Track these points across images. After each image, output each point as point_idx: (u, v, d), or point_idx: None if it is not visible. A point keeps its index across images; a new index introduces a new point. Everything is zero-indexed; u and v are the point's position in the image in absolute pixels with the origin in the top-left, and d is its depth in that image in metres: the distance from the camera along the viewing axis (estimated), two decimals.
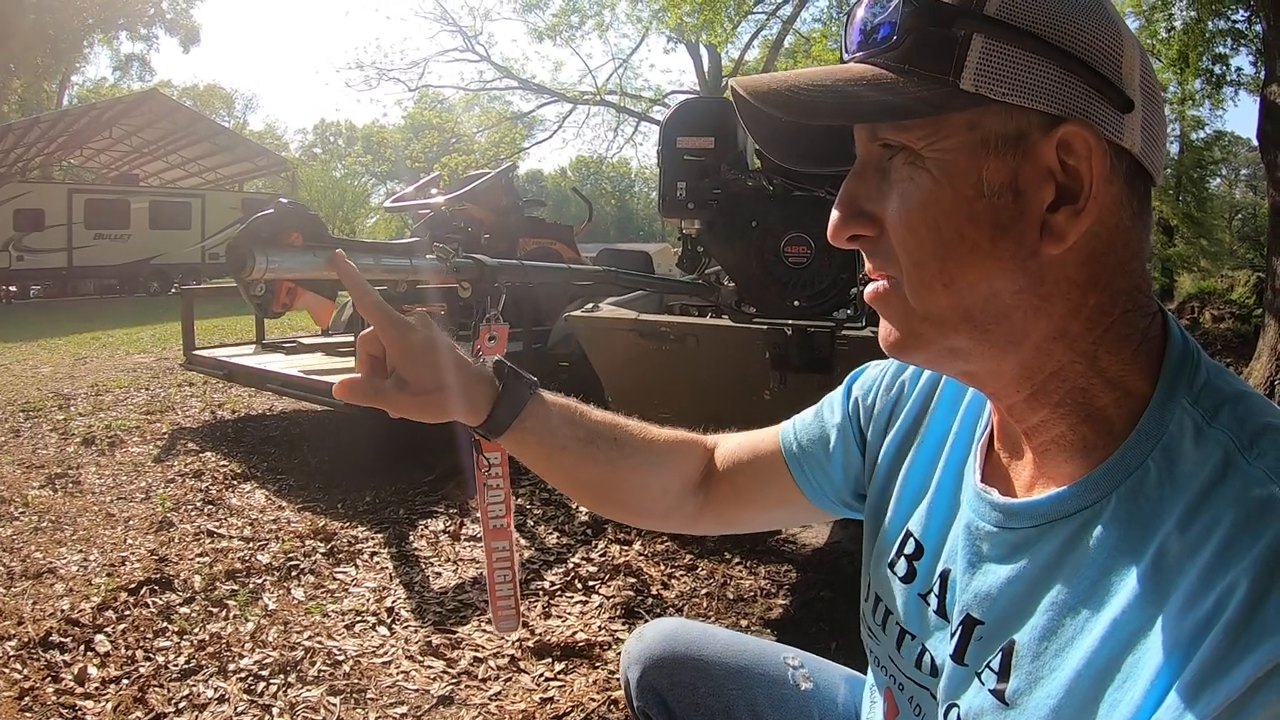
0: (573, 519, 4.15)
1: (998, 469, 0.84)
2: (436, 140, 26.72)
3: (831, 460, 1.09)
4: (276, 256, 1.23)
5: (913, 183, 0.72)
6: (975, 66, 0.67)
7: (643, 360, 3.27)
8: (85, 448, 5.69)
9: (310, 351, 6.50)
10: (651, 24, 22.37)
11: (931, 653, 0.87)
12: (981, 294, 0.71)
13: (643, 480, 1.19)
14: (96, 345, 11.77)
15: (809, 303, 2.95)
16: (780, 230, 2.91)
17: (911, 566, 0.92)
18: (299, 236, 1.28)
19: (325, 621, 3.06)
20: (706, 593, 3.32)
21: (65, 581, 3.42)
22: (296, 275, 1.26)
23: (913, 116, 0.70)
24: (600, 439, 1.16)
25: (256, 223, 1.23)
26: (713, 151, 3.04)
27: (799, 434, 1.14)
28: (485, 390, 1.10)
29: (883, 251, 0.75)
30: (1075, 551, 0.70)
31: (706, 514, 1.21)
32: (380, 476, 4.82)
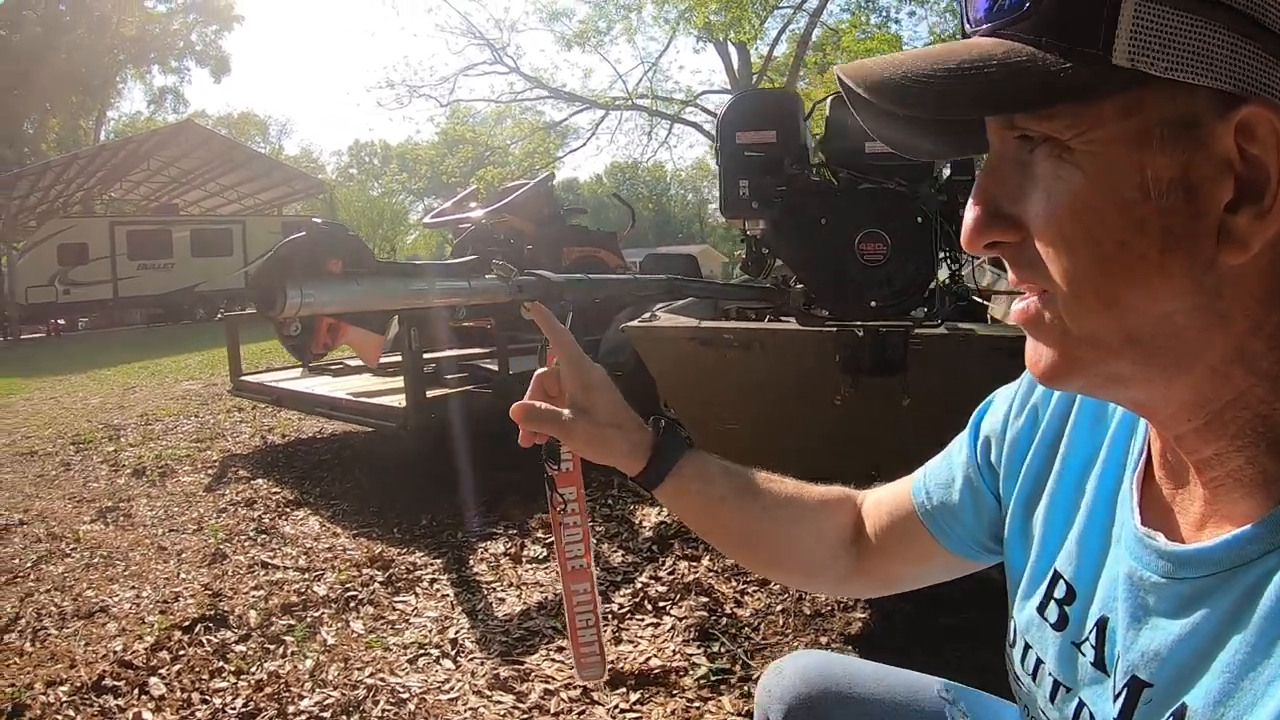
0: (637, 535, 4.01)
1: (1158, 504, 0.71)
2: (471, 154, 26.74)
3: (962, 506, 1.00)
4: (313, 289, 1.05)
5: (1060, 182, 0.59)
6: (1129, 35, 0.53)
7: (705, 369, 3.12)
8: (136, 479, 5.67)
9: (358, 373, 6.44)
10: (679, 25, 22.28)
11: (1091, 709, 0.74)
12: (1149, 315, 0.59)
13: (797, 533, 1.13)
14: (145, 374, 11.84)
15: (887, 302, 2.76)
16: (853, 226, 2.73)
17: (1063, 612, 0.80)
18: (339, 264, 1.11)
19: (387, 656, 2.94)
20: (782, 609, 3.16)
21: (118, 620, 3.35)
22: (339, 309, 1.11)
23: (1055, 102, 0.57)
24: (754, 490, 1.12)
25: (287, 249, 1.06)
26: (775, 146, 2.88)
27: (929, 483, 1.04)
28: (645, 437, 1.11)
29: (1028, 260, 0.63)
30: (1256, 603, 0.59)
31: (859, 573, 1.14)
32: (436, 497, 4.72)
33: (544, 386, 1.13)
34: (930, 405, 2.92)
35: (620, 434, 1.09)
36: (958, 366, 2.91)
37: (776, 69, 25.63)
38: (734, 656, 2.83)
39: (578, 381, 1.10)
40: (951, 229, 2.73)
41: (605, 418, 1.09)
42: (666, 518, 4.29)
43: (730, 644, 2.91)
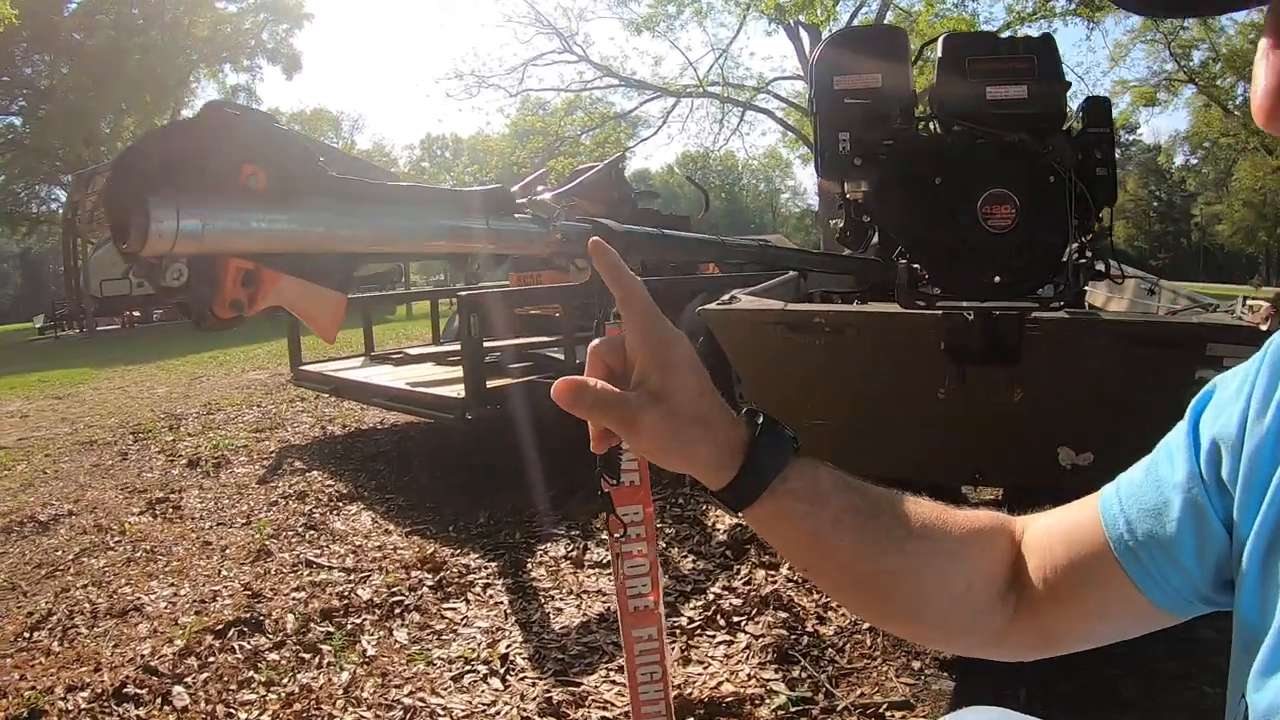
0: (710, 539, 3.71)
1: None
2: (541, 145, 26.64)
3: (1180, 542, 0.71)
4: (202, 210, 0.67)
5: None
6: None
7: (792, 358, 2.78)
8: (190, 470, 5.55)
9: (419, 362, 6.27)
10: (749, 8, 21.91)
11: None
12: None
13: (938, 572, 0.81)
14: (213, 364, 11.89)
15: (1013, 277, 2.38)
16: (974, 187, 2.34)
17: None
18: (259, 173, 0.67)
19: (429, 672, 2.68)
20: (869, 627, 2.85)
21: (150, 620, 3.18)
22: (255, 247, 0.69)
23: None
24: (884, 513, 0.79)
25: (159, 142, 0.64)
26: (879, 92, 2.50)
27: (1129, 508, 0.76)
28: (736, 437, 0.76)
29: None
30: None
31: (1019, 628, 0.83)
32: (496, 494, 4.49)
33: (605, 361, 0.78)
34: (1046, 400, 2.58)
35: (704, 432, 0.74)
36: (1079, 356, 2.55)
37: None
38: (817, 683, 2.52)
39: (651, 355, 0.74)
40: (1087, 190, 2.34)
41: (686, 408, 0.74)
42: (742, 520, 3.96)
43: (812, 668, 2.60)
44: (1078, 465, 2.63)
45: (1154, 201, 61.12)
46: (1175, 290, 3.97)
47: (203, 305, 0.69)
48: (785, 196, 74.40)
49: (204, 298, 0.69)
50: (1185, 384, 2.42)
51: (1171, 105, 34.28)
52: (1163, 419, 1.07)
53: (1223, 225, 52.70)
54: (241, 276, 0.71)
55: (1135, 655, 2.53)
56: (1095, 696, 2.38)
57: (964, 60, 2.44)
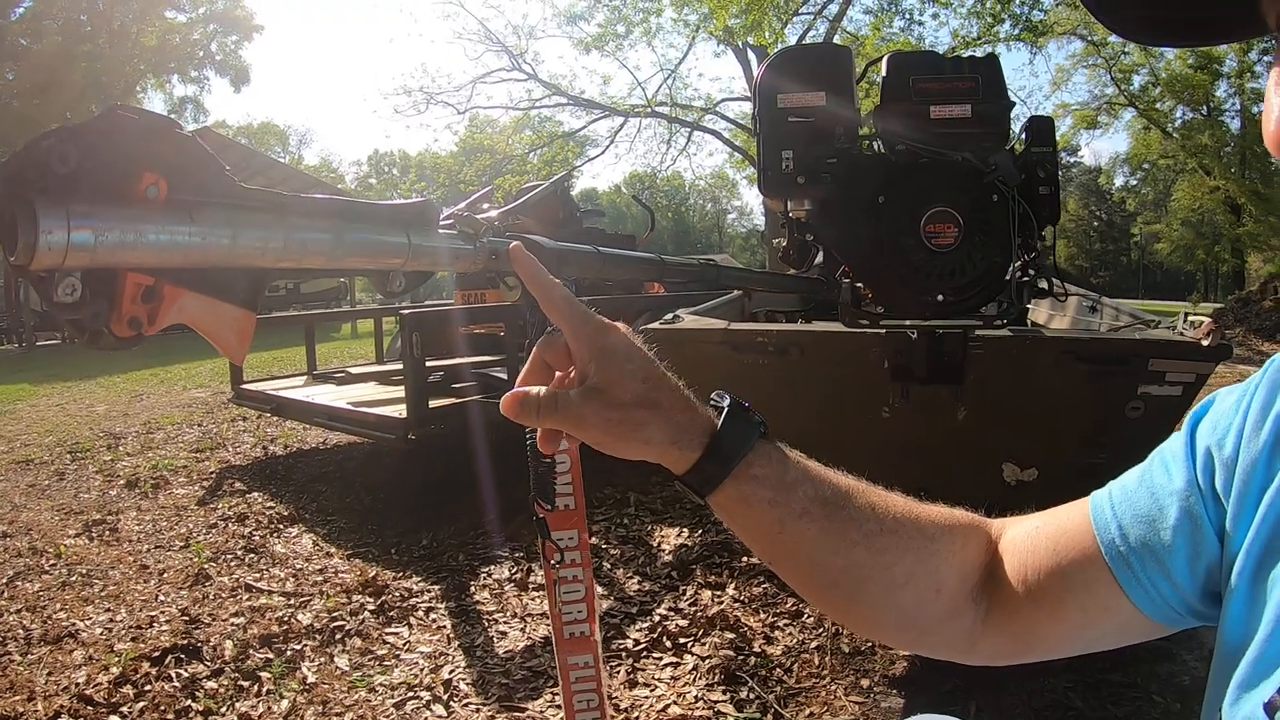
0: (655, 559, 3.69)
1: None
2: (489, 163, 26.50)
3: (1174, 550, 0.71)
4: (95, 221, 0.62)
5: None
6: None
7: (735, 377, 2.78)
8: (128, 491, 5.41)
9: (362, 381, 6.19)
10: (699, 29, 22.05)
11: None
12: None
13: (908, 571, 0.79)
14: (155, 381, 11.64)
15: (957, 295, 2.38)
16: (917, 205, 2.35)
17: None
18: (159, 182, 0.60)
19: (371, 699, 2.62)
20: (817, 646, 2.85)
21: (86, 647, 3.08)
22: (154, 260, 0.65)
23: None
24: (851, 505, 0.78)
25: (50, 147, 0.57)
26: (823, 110, 2.50)
27: (1121, 514, 0.75)
28: (700, 419, 0.76)
29: None
30: None
31: (990, 631, 0.82)
32: (438, 515, 4.44)
33: (547, 360, 0.79)
34: (990, 417, 2.60)
35: (653, 415, 0.74)
36: (1023, 373, 2.57)
37: None
38: (765, 704, 2.51)
39: (586, 350, 0.75)
40: (1030, 209, 2.36)
41: (628, 396, 0.73)
42: (688, 540, 3.94)
43: (760, 689, 2.59)
44: (1022, 481, 2.65)
45: (1094, 221, 62.42)
46: (1117, 307, 4.04)
47: (98, 323, 0.65)
48: (732, 217, 75.15)
49: (99, 315, 0.65)
50: (1128, 399, 2.45)
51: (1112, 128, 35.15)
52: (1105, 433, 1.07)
53: (1161, 244, 53.88)
54: (141, 293, 0.66)
55: (1084, 666, 2.55)
56: (1044, 707, 2.40)
57: (908, 79, 2.45)
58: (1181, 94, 28.31)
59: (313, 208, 0.78)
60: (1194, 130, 30.64)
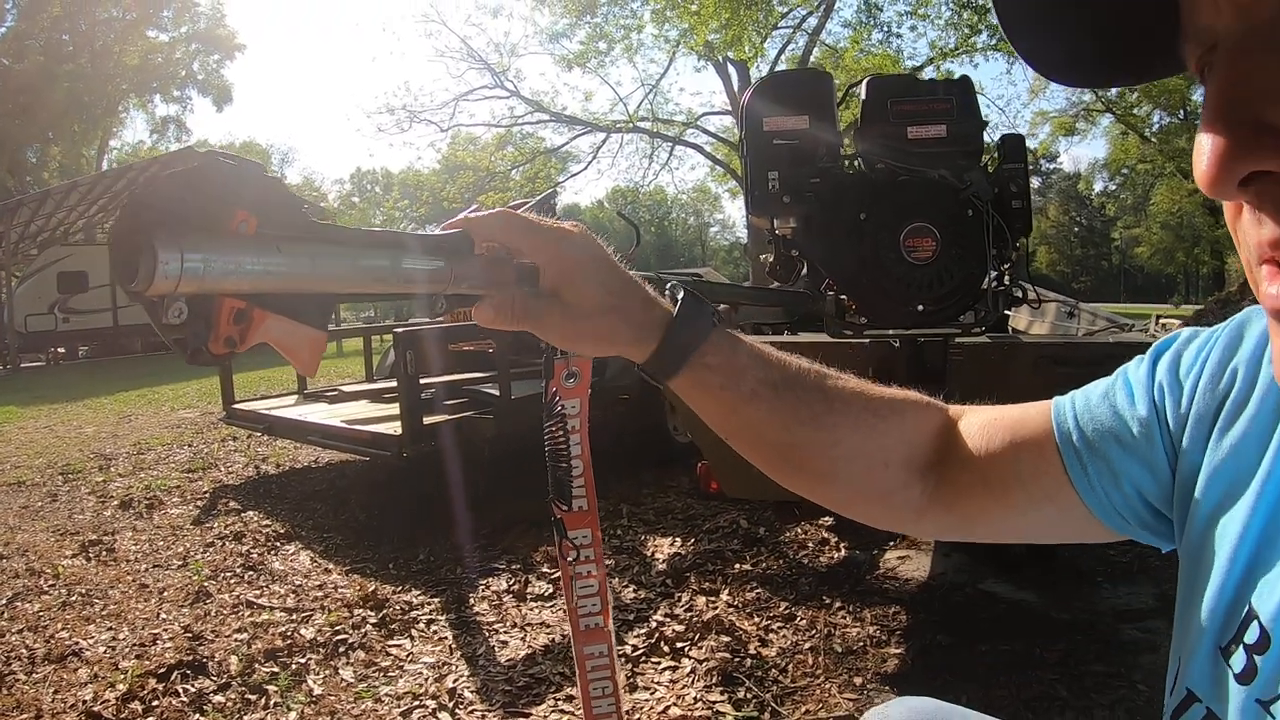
0: (650, 568, 3.75)
1: None
2: (472, 180, 26.51)
3: (1125, 464, 0.75)
4: (203, 253, 0.70)
5: None
6: None
7: None
8: (123, 511, 5.44)
9: (353, 400, 6.24)
10: (679, 45, 22.17)
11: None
12: None
13: (856, 444, 0.86)
14: (142, 403, 11.64)
15: (935, 305, 2.49)
16: (898, 221, 2.45)
17: (1251, 662, 0.60)
18: (249, 219, 0.70)
19: (378, 709, 2.68)
20: (811, 647, 2.93)
21: (90, 665, 3.11)
22: (249, 287, 0.72)
23: None
24: (800, 387, 0.84)
25: (164, 189, 0.67)
26: (807, 133, 2.61)
27: (1081, 417, 0.79)
28: (657, 315, 0.82)
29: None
30: None
31: (937, 506, 0.88)
32: (435, 531, 4.49)
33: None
34: None
35: (616, 320, 0.81)
36: (1002, 379, 2.67)
37: None
38: (762, 703, 2.59)
39: (548, 262, 0.81)
40: (1004, 222, 2.47)
41: (588, 303, 0.80)
42: (681, 549, 4.02)
43: (757, 689, 2.67)
44: None
45: (1075, 227, 62.88)
46: (1094, 312, 4.14)
47: (198, 341, 0.74)
48: (714, 230, 75.42)
49: (199, 335, 0.74)
50: None
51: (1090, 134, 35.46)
52: None
53: (1142, 248, 54.40)
54: (234, 315, 0.76)
55: (1069, 659, 2.65)
56: (1033, 699, 2.48)
57: (887, 102, 2.56)
58: (1158, 99, 28.60)
59: (373, 240, 0.87)
60: (1171, 134, 30.94)
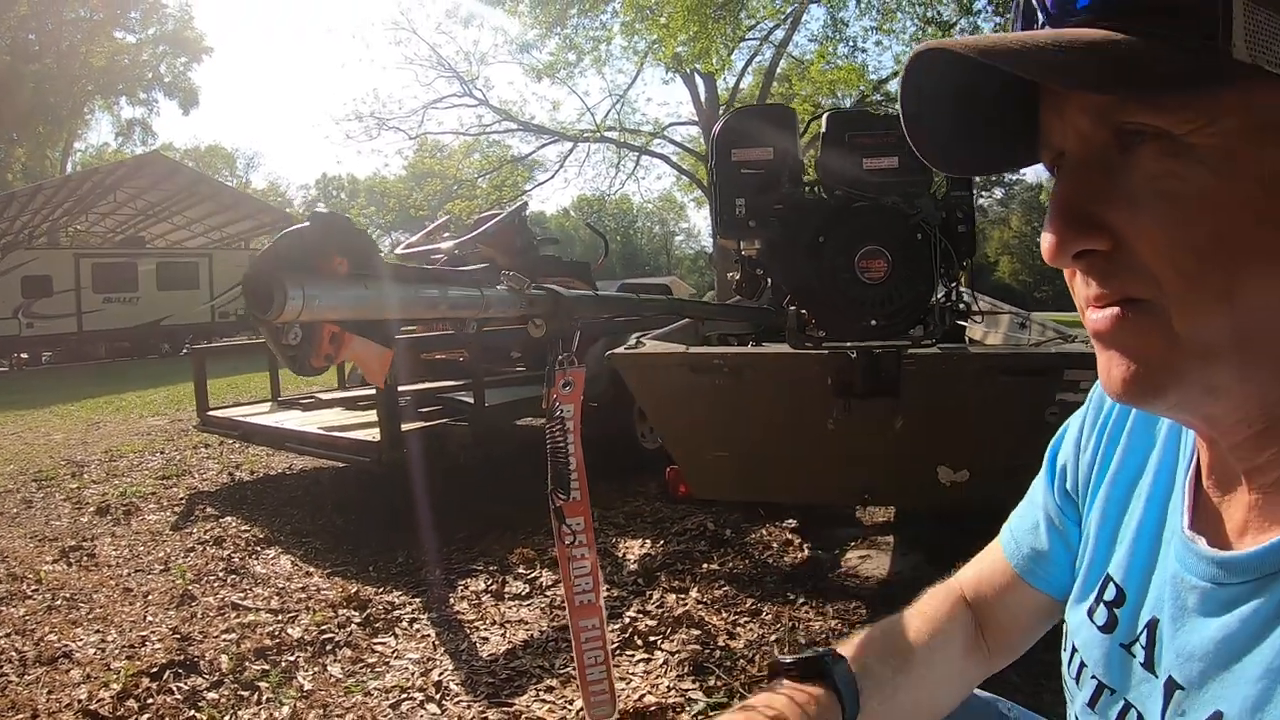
0: (621, 568, 3.91)
1: (1206, 510, 0.73)
2: (439, 188, 26.47)
3: (1052, 547, 0.97)
4: (316, 289, 0.94)
5: (1179, 178, 0.57)
6: (1244, 32, 0.53)
7: (694, 396, 3.05)
8: (100, 517, 5.48)
9: (329, 407, 6.30)
10: (647, 56, 22.28)
11: (1138, 709, 0.75)
12: (1263, 310, 0.58)
13: (953, 673, 1.05)
14: (109, 409, 11.60)
15: (887, 321, 2.70)
16: (852, 244, 2.67)
17: (1112, 614, 0.81)
18: (344, 262, 0.97)
19: (368, 701, 2.81)
20: (776, 639, 3.10)
21: (82, 667, 3.19)
22: (344, 315, 0.98)
23: (1184, 89, 0.55)
24: (911, 656, 1.01)
25: (288, 241, 0.92)
26: (771, 163, 2.81)
27: (1017, 532, 1.03)
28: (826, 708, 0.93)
29: (1122, 268, 0.61)
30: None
31: (993, 658, 1.08)
32: (412, 534, 4.59)
33: None
34: (924, 426, 2.88)
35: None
36: (952, 387, 2.87)
37: (743, 100, 25.79)
38: (732, 689, 2.74)
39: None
40: (950, 245, 2.68)
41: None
42: (651, 549, 4.19)
43: (726, 677, 2.82)
44: (955, 482, 2.94)
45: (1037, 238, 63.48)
46: (1044, 323, 4.35)
47: (305, 356, 0.95)
48: (679, 239, 75.57)
49: (306, 352, 0.95)
50: (1047, 405, 2.76)
51: None
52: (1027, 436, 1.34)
53: None
54: (330, 337, 0.97)
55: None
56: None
57: (845, 135, 2.77)
58: None
59: (424, 275, 1.08)
60: None
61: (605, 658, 1.21)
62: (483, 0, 23.78)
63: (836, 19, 22.44)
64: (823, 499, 3.88)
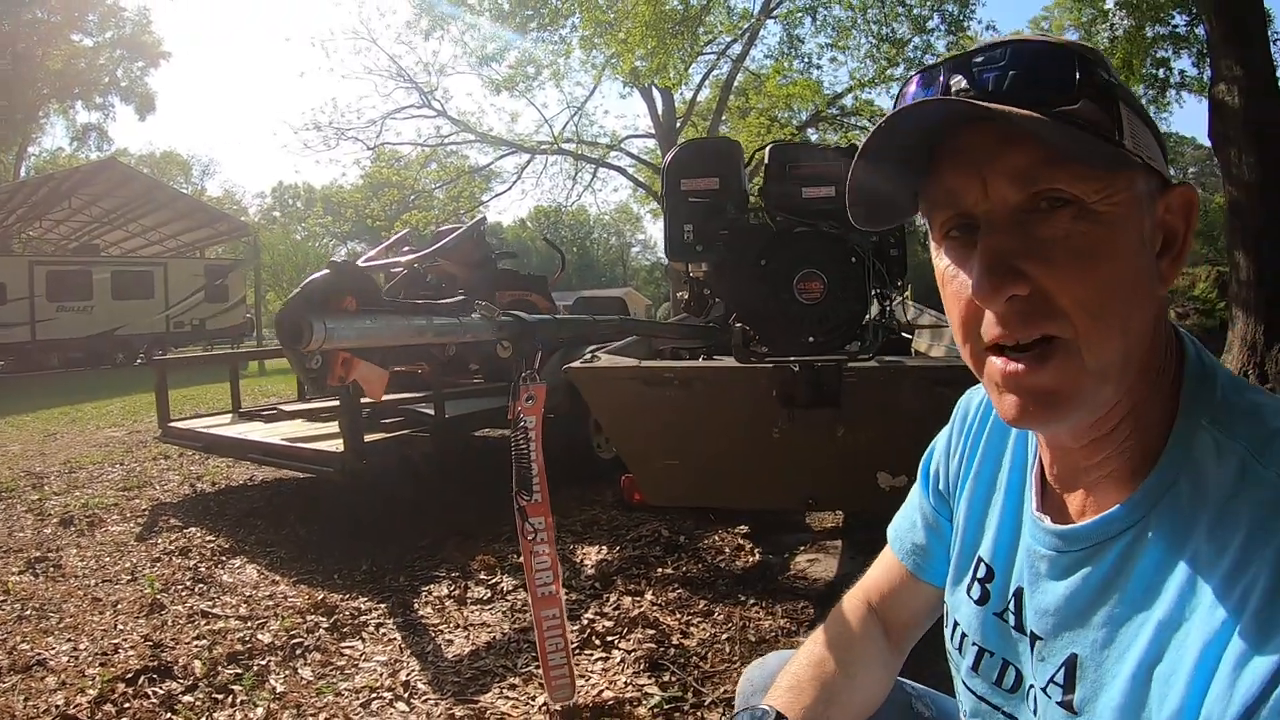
0: (579, 573, 4.06)
1: (1051, 496, 0.91)
2: (396, 198, 26.24)
3: (929, 541, 1.17)
4: (334, 323, 1.17)
5: (1088, 236, 0.74)
6: (1129, 133, 0.75)
7: (648, 407, 3.21)
8: (64, 528, 5.51)
9: (291, 418, 6.36)
10: (605, 70, 22.41)
11: (1015, 665, 0.93)
12: (1142, 340, 0.77)
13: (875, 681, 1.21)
14: (66, 420, 11.52)
15: (823, 337, 2.91)
16: (791, 267, 2.88)
17: (985, 589, 0.98)
18: (353, 300, 1.21)
19: (339, 701, 2.93)
20: (728, 637, 3.25)
21: (57, 674, 3.25)
22: (353, 344, 1.20)
23: (1119, 167, 0.74)
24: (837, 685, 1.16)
25: (312, 286, 1.16)
26: (717, 192, 3.01)
27: (900, 531, 1.23)
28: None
29: (1039, 312, 0.75)
30: (1124, 569, 0.78)
31: (903, 656, 1.25)
32: (375, 543, 4.70)
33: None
34: (864, 434, 3.06)
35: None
36: (889, 397, 3.05)
37: (700, 113, 26.03)
38: (685, 684, 2.88)
39: None
40: (883, 268, 2.88)
41: None
42: (608, 555, 4.34)
43: (681, 673, 2.97)
44: (894, 487, 3.12)
45: None
46: None
47: (323, 379, 1.19)
48: (636, 250, 75.87)
49: (324, 375, 1.17)
50: None
51: None
52: None
53: None
54: (342, 362, 1.19)
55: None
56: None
57: (785, 166, 2.98)
58: None
59: (415, 309, 1.30)
60: None
61: (565, 645, 1.38)
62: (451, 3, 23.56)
63: (792, 35, 22.79)
64: (770, 504, 4.07)
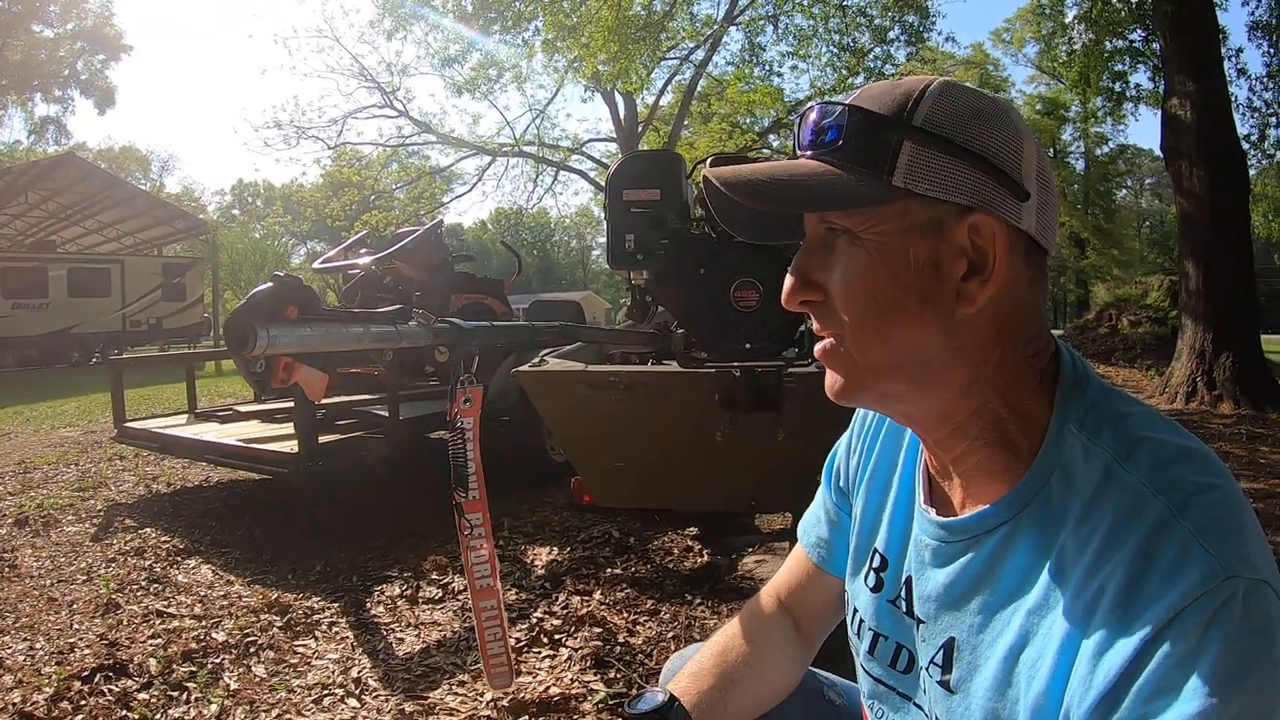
0: (529, 574, 4.14)
1: (938, 491, 1.00)
2: (356, 198, 26.00)
3: (832, 534, 1.25)
4: (277, 331, 1.28)
5: (853, 259, 0.87)
6: (905, 167, 0.83)
7: (594, 410, 3.30)
8: (18, 529, 5.48)
9: (246, 419, 6.38)
10: (567, 74, 22.48)
11: (907, 647, 1.01)
12: (910, 348, 0.87)
13: (779, 674, 1.27)
14: (19, 420, 11.39)
15: (760, 344, 3.03)
16: (728, 276, 2.99)
17: (879, 578, 1.06)
18: (295, 310, 1.32)
19: (292, 697, 2.99)
20: (673, 636, 3.35)
21: (13, 672, 3.27)
22: (294, 350, 1.31)
23: (855, 206, 0.86)
24: (737, 674, 1.24)
25: (257, 296, 1.26)
26: (658, 203, 3.12)
27: (806, 526, 1.31)
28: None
29: (828, 314, 0.90)
30: (999, 561, 0.86)
31: (814, 648, 1.32)
32: (329, 544, 4.74)
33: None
34: (803, 437, 3.17)
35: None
36: (827, 401, 3.15)
37: (663, 118, 26.19)
38: (631, 681, 2.98)
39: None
40: None
41: None
42: (558, 556, 4.43)
43: (626, 670, 3.06)
44: None
45: None
46: None
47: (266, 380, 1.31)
48: (596, 254, 75.58)
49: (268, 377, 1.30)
50: None
51: None
52: None
53: None
54: (284, 366, 1.30)
55: None
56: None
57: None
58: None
59: (353, 318, 1.41)
60: None
61: (503, 634, 1.47)
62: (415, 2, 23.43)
63: (754, 43, 22.97)
64: (713, 506, 4.17)
